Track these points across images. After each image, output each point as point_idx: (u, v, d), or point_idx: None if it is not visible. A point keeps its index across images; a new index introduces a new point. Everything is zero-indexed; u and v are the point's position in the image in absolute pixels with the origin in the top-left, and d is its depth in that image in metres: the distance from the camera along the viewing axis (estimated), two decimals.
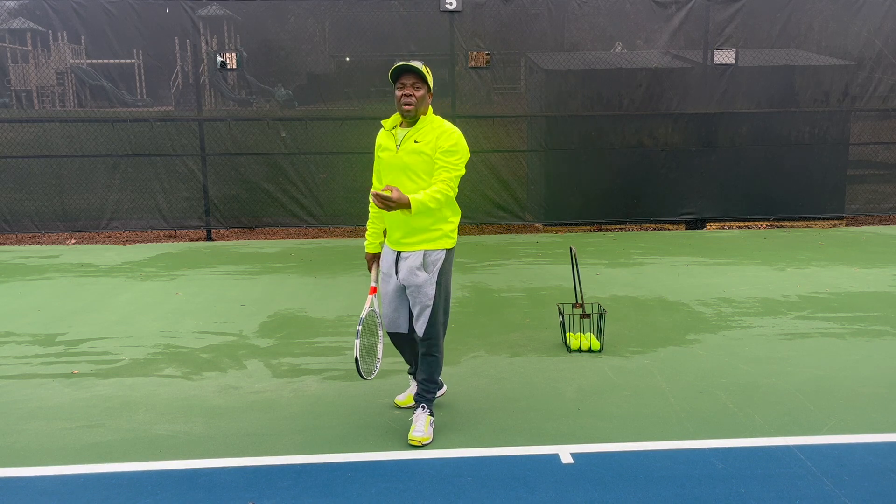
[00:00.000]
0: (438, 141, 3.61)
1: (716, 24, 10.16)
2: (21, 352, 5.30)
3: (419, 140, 3.63)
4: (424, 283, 3.67)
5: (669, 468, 3.42)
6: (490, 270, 7.90)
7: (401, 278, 3.72)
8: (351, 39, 10.25)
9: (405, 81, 3.59)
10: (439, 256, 3.70)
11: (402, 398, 4.16)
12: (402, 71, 3.59)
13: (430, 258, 3.68)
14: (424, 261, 3.67)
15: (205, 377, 4.74)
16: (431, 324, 3.71)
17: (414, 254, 3.69)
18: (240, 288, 7.19)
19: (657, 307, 6.29)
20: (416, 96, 3.58)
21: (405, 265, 3.70)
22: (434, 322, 3.71)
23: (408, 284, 3.70)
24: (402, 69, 3.58)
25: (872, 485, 3.24)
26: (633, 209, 10.48)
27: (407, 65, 3.57)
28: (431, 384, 3.83)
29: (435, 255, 3.69)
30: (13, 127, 9.82)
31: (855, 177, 10.77)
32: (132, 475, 3.43)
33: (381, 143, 3.78)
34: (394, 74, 3.61)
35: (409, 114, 3.60)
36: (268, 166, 10.05)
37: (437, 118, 3.71)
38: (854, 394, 4.28)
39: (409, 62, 3.58)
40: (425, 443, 3.68)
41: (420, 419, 3.76)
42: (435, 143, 3.61)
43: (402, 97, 3.59)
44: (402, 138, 3.66)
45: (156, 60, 10.03)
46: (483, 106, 10.24)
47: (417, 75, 3.59)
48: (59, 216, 9.96)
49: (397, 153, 3.66)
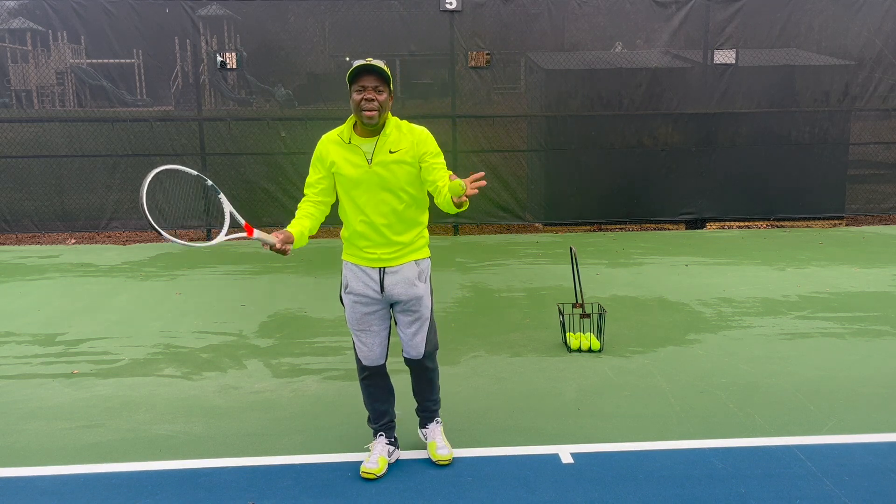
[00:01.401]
0: (418, 147, 3.24)
1: (716, 23, 10.16)
2: (21, 352, 5.30)
3: (395, 149, 3.22)
4: (425, 294, 3.38)
5: (669, 468, 3.42)
6: (490, 270, 7.90)
7: (396, 294, 3.32)
8: (351, 39, 10.25)
9: (365, 84, 3.13)
10: (427, 264, 3.44)
11: (374, 465, 3.41)
12: (361, 72, 3.14)
13: (421, 266, 3.38)
14: (419, 269, 3.38)
15: (205, 377, 4.74)
16: (430, 337, 3.44)
17: (405, 266, 3.33)
18: (240, 288, 7.19)
19: (657, 307, 6.29)
20: (378, 101, 3.13)
21: (398, 279, 3.32)
22: (433, 334, 3.47)
23: (406, 299, 3.34)
24: (362, 69, 3.14)
25: (872, 485, 3.24)
26: (633, 209, 10.48)
27: (367, 65, 3.14)
28: (439, 393, 3.68)
29: (424, 264, 3.41)
30: (13, 127, 9.82)
31: (855, 177, 10.77)
32: (132, 475, 3.43)
33: (337, 160, 3.28)
34: (352, 75, 3.15)
35: (372, 120, 3.14)
36: (268, 166, 10.05)
37: (399, 120, 3.32)
38: (854, 394, 4.28)
39: (370, 60, 3.15)
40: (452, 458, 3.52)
41: (438, 434, 3.60)
42: (415, 151, 3.23)
43: (363, 102, 3.12)
44: (373, 150, 3.22)
45: (156, 60, 10.03)
46: (483, 106, 10.24)
47: (379, 76, 3.14)
48: (58, 216, 9.96)
49: (371, 168, 3.22)
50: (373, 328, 3.39)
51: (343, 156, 3.28)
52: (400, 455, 3.58)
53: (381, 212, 3.27)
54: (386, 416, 3.56)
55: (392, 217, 3.29)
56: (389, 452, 3.50)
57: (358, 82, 3.16)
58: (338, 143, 3.31)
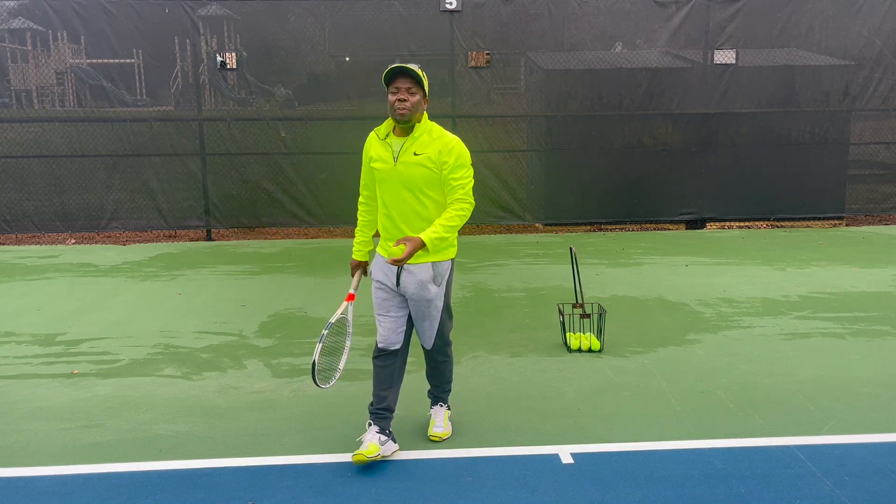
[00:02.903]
0: (442, 157, 3.37)
1: (716, 24, 10.16)
2: (21, 352, 5.30)
3: (419, 152, 3.38)
4: (436, 298, 3.49)
5: (669, 468, 3.42)
6: (490, 270, 7.90)
7: (409, 293, 3.48)
8: (351, 39, 10.25)
9: (399, 85, 3.33)
10: (447, 267, 3.52)
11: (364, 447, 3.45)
12: (395, 74, 3.33)
13: (438, 269, 3.47)
14: (434, 273, 3.47)
15: (205, 377, 4.74)
16: (440, 333, 3.59)
17: (421, 266, 3.43)
18: (240, 288, 7.19)
19: (657, 307, 6.29)
20: (410, 101, 3.32)
21: (413, 280, 3.45)
22: (441, 332, 3.60)
23: (417, 299, 3.49)
24: (397, 72, 3.33)
25: (872, 485, 3.24)
26: (633, 209, 10.48)
27: (402, 67, 3.32)
28: (448, 384, 3.85)
29: (443, 267, 3.50)
30: (13, 127, 9.82)
31: (855, 177, 10.77)
32: (132, 475, 3.43)
33: (374, 155, 3.52)
34: (387, 77, 3.35)
35: (404, 118, 3.34)
36: (268, 166, 10.05)
37: (434, 126, 3.48)
38: (854, 394, 4.28)
39: (405, 65, 3.35)
40: (445, 437, 3.74)
41: (440, 415, 3.81)
42: (438, 159, 3.37)
43: (396, 102, 3.32)
44: (400, 150, 3.41)
45: (156, 60, 10.02)
46: (483, 106, 10.24)
47: (413, 79, 3.34)
48: (58, 216, 9.96)
49: (395, 166, 3.40)
50: (391, 313, 3.57)
51: (378, 151, 3.52)
52: (398, 453, 3.58)
53: (401, 210, 3.46)
54: (383, 402, 3.57)
55: (412, 216, 3.45)
56: (381, 441, 3.50)
57: (393, 84, 3.36)
58: (377, 138, 3.55)
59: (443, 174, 3.39)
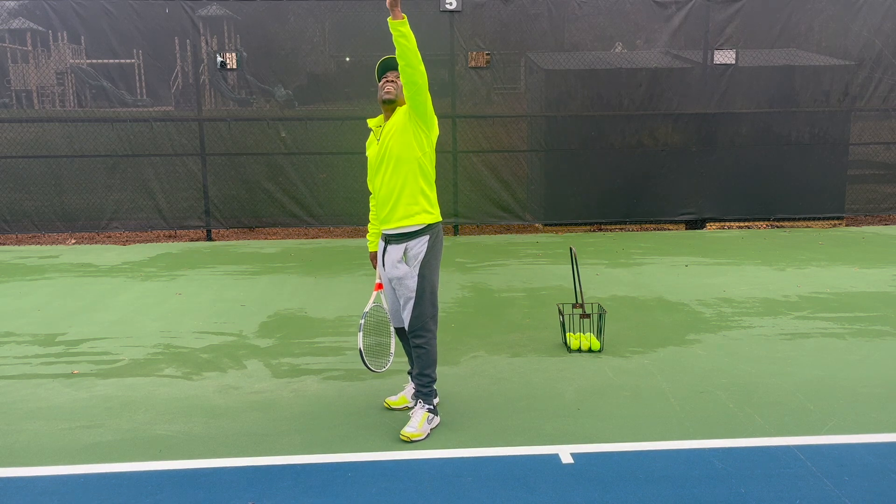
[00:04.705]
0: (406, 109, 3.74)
1: (716, 24, 10.16)
2: (21, 352, 5.30)
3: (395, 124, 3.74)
4: (405, 276, 3.72)
5: (669, 468, 3.42)
6: (490, 270, 7.90)
7: (386, 272, 3.84)
8: (351, 39, 10.25)
9: (388, 77, 3.78)
10: (420, 249, 3.72)
11: (395, 399, 4.17)
12: (388, 66, 3.77)
13: (411, 252, 3.73)
14: (406, 254, 3.73)
15: (205, 377, 4.74)
16: (416, 315, 3.74)
17: (395, 247, 3.76)
18: (240, 288, 7.19)
19: (657, 307, 6.29)
20: (397, 83, 3.74)
21: (389, 259, 3.80)
22: (419, 314, 3.74)
23: (391, 277, 3.79)
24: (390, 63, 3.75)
25: (872, 485, 3.24)
26: (633, 209, 10.48)
27: (388, 59, 3.75)
28: (424, 377, 3.82)
29: (416, 248, 3.72)
30: (13, 127, 9.82)
31: (855, 177, 10.77)
32: (132, 475, 3.43)
33: (369, 145, 3.92)
34: (380, 69, 3.80)
35: (389, 96, 3.73)
36: (268, 166, 10.05)
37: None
38: (854, 394, 4.28)
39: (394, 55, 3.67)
40: (415, 439, 3.69)
41: (416, 415, 3.80)
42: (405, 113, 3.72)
43: (385, 84, 3.75)
44: (383, 130, 3.79)
45: (156, 60, 10.02)
46: (483, 106, 10.24)
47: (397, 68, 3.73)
48: (58, 216, 9.96)
49: (378, 142, 3.79)
50: (391, 294, 3.95)
51: (371, 140, 3.90)
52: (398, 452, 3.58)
53: (390, 186, 3.74)
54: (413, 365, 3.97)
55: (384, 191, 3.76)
56: (412, 395, 4.03)
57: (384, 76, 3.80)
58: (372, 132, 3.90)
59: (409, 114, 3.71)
